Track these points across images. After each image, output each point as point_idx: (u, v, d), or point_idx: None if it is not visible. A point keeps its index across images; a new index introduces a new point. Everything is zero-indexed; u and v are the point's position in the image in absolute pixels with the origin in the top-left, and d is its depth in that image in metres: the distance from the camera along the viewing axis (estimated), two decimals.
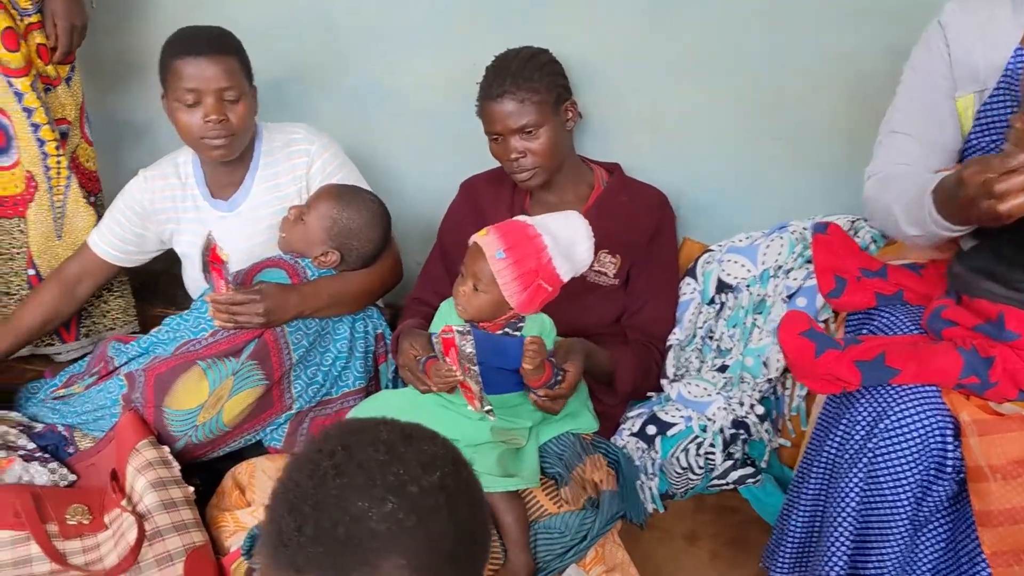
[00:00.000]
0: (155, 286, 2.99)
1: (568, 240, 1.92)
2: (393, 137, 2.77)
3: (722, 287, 2.36)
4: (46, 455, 2.09)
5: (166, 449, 2.05)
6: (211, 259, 2.08)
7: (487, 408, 1.83)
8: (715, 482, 2.25)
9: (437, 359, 1.89)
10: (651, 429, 2.24)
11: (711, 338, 2.36)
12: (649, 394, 2.34)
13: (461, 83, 2.47)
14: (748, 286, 2.33)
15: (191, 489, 2.00)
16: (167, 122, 2.29)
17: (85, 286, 2.53)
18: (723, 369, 2.32)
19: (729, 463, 2.22)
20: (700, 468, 2.20)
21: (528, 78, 2.18)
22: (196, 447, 2.15)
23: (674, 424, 2.23)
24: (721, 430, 2.20)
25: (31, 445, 2.10)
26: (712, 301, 2.37)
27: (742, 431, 2.21)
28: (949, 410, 1.66)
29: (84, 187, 2.57)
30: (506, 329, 1.95)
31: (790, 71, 2.38)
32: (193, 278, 2.55)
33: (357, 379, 2.28)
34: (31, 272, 2.57)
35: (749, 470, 2.23)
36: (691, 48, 2.43)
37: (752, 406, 2.22)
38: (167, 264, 2.63)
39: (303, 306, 2.16)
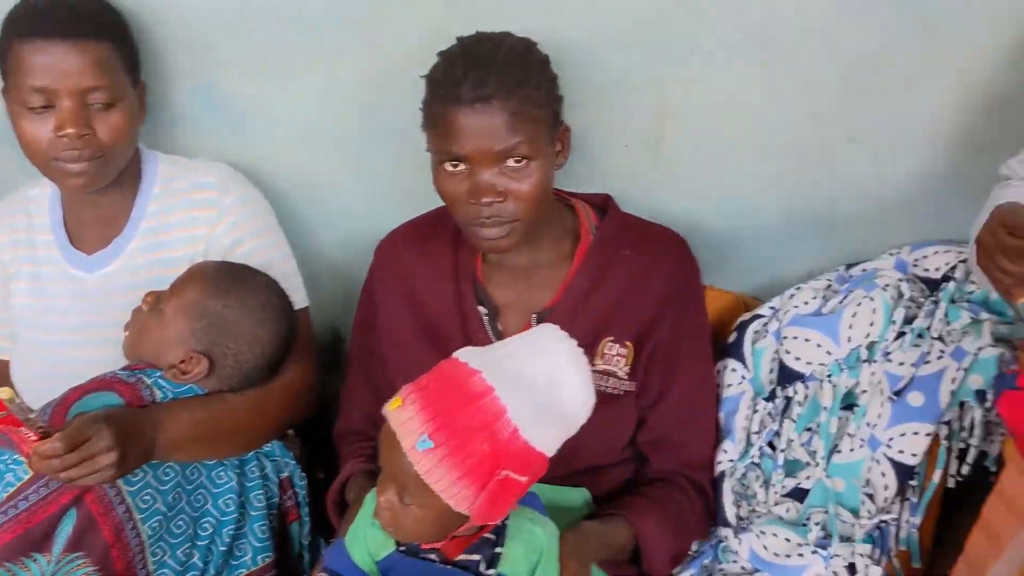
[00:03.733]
0: None
1: (546, 380, 1.18)
2: (278, 165, 1.89)
3: (786, 375, 1.62)
4: None
5: None
6: None
7: None
8: None
9: None
10: None
11: (773, 447, 1.63)
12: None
13: (378, 84, 1.69)
14: (829, 376, 1.58)
15: None
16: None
17: None
18: (797, 496, 1.59)
19: None
20: None
21: (522, 80, 1.37)
22: None
23: None
24: None
25: None
26: (773, 395, 1.63)
27: None
28: None
29: None
30: (476, 556, 1.24)
31: (884, 53, 1.61)
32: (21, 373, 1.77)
33: (259, 552, 1.60)
34: None
35: None
36: (723, 20, 1.63)
37: (867, 566, 1.48)
38: None
39: (154, 440, 1.46)
